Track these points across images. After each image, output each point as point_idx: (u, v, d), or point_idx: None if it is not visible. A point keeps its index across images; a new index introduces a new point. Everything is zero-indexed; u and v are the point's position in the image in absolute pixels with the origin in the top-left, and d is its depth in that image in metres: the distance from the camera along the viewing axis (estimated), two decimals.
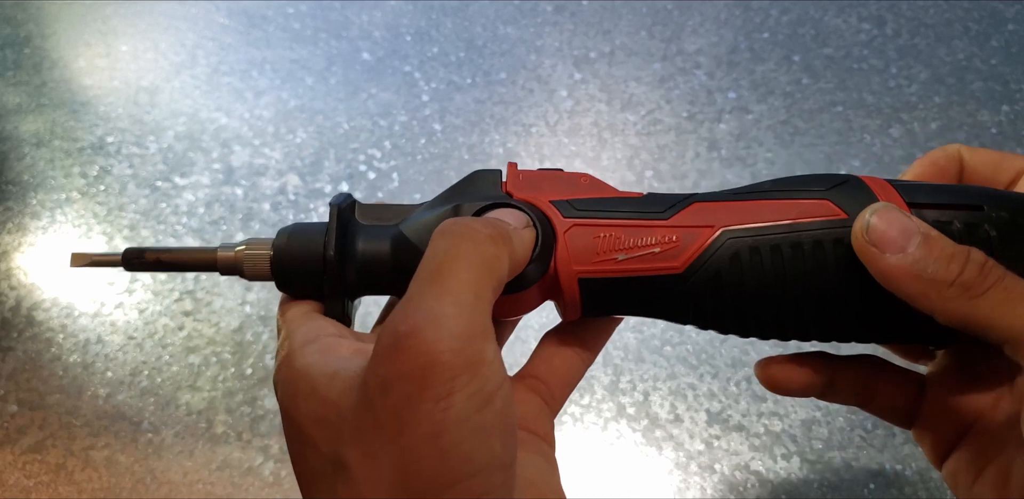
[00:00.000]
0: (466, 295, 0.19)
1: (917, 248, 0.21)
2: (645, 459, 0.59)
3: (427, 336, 0.18)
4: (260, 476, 0.58)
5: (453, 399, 0.18)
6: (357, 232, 0.25)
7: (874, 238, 0.22)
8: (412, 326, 0.19)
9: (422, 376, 0.18)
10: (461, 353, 0.18)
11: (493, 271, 0.21)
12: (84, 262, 0.26)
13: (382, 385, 0.19)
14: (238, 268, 0.26)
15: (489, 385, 0.19)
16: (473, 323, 0.19)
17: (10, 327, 0.66)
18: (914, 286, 0.21)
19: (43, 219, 0.74)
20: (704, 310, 0.25)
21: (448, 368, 0.18)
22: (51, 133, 0.80)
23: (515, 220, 0.24)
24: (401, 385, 0.18)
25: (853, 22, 0.92)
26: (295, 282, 0.25)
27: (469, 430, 0.18)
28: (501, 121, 0.82)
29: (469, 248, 0.20)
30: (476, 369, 0.19)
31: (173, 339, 0.65)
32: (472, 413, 0.18)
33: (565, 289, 0.25)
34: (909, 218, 0.22)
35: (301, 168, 0.77)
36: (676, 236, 0.24)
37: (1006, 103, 0.84)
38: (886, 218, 0.22)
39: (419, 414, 0.18)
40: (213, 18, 0.93)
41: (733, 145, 0.80)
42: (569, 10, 0.93)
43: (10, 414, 0.61)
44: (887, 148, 0.80)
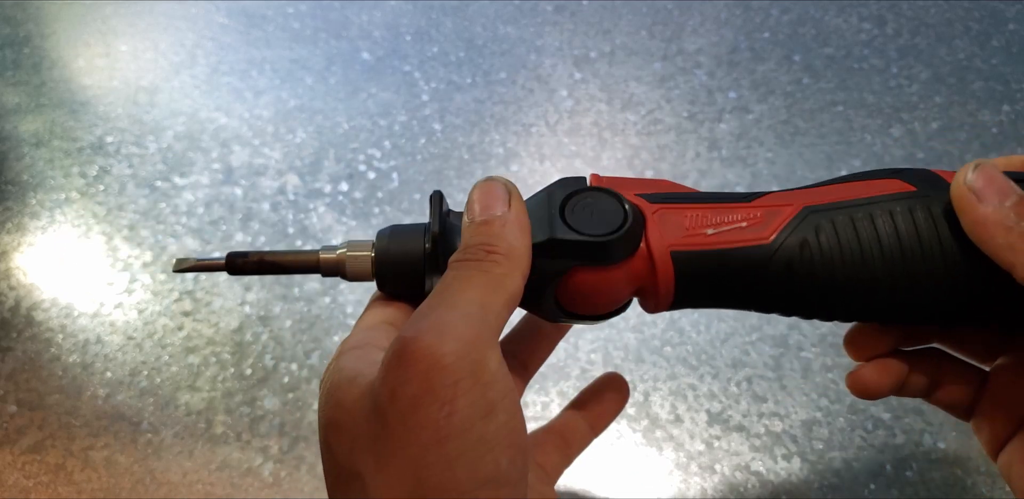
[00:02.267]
0: (472, 307, 0.20)
1: (1013, 204, 0.22)
2: (645, 459, 0.59)
3: (430, 341, 0.19)
4: (260, 477, 0.58)
5: (457, 404, 0.18)
6: (454, 234, 0.26)
7: (975, 186, 0.23)
8: (416, 332, 0.19)
9: (426, 379, 0.19)
10: (464, 357, 0.19)
11: (500, 288, 0.21)
12: (187, 267, 0.27)
13: (390, 392, 0.19)
14: (340, 269, 0.26)
15: (492, 392, 0.19)
16: (478, 331, 0.20)
17: (9, 327, 0.66)
18: (1002, 237, 0.22)
19: (42, 219, 0.73)
20: (793, 283, 0.26)
21: (451, 371, 0.19)
22: (50, 133, 0.80)
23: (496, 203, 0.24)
24: (406, 390, 0.19)
25: (854, 22, 0.92)
26: (395, 282, 0.26)
27: (473, 440, 0.19)
28: (501, 121, 0.81)
29: (475, 271, 0.22)
30: (479, 375, 0.19)
31: (172, 339, 0.65)
32: (476, 421, 0.19)
33: (659, 265, 0.25)
34: (1007, 180, 0.23)
35: (301, 168, 0.77)
36: (760, 213, 0.25)
37: (1007, 103, 0.84)
38: (987, 174, 0.23)
39: (424, 419, 0.18)
40: (213, 18, 0.92)
41: (734, 145, 0.80)
42: (569, 10, 0.93)
43: (9, 414, 0.61)
44: (888, 148, 0.80)
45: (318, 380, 0.63)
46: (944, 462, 0.59)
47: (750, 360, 0.64)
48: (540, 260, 0.25)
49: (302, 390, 0.62)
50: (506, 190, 0.25)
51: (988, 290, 0.24)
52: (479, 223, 0.24)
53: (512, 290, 0.22)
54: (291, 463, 0.59)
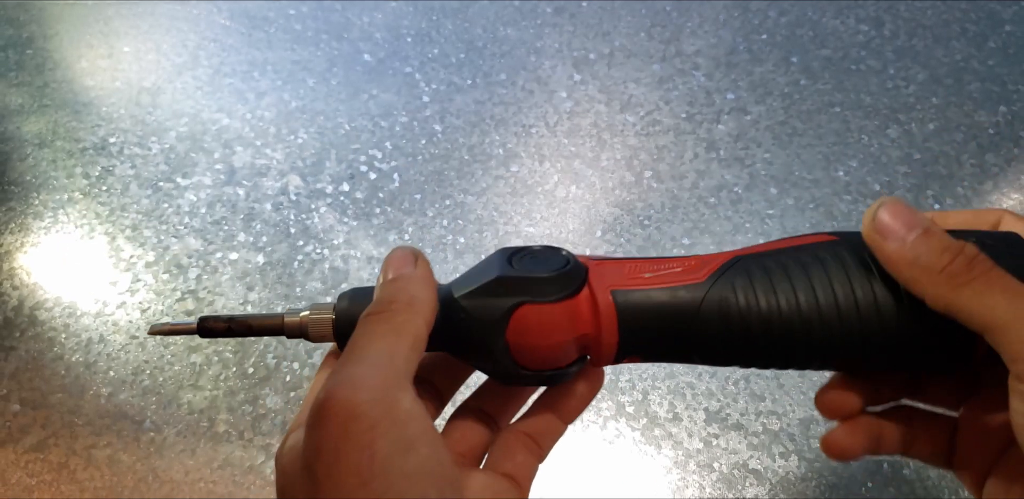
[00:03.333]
0: (379, 356, 0.22)
1: (916, 238, 0.23)
2: (644, 457, 0.59)
3: (343, 394, 0.20)
4: (262, 474, 0.58)
5: (376, 446, 0.19)
6: None
7: (879, 226, 0.24)
8: (330, 390, 0.20)
9: (344, 429, 0.20)
10: (378, 403, 0.20)
11: (403, 333, 0.23)
12: (162, 331, 0.28)
13: (315, 448, 0.20)
14: (303, 332, 0.28)
15: (410, 430, 0.20)
16: (386, 377, 0.21)
17: (13, 326, 0.66)
18: (909, 271, 0.23)
19: (45, 219, 0.74)
20: (728, 318, 0.27)
21: (367, 417, 0.20)
22: (53, 134, 0.81)
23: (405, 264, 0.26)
24: (327, 443, 0.20)
25: (851, 23, 0.92)
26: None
27: (396, 476, 0.19)
28: (501, 122, 0.82)
29: (378, 323, 0.23)
30: (394, 415, 0.20)
31: (175, 339, 0.66)
32: (396, 458, 0.20)
33: (601, 305, 0.27)
34: (913, 212, 0.24)
35: (302, 168, 0.78)
36: (695, 262, 0.27)
37: (1003, 104, 0.84)
38: (892, 210, 0.24)
39: (347, 465, 0.19)
40: (215, 19, 0.93)
41: (731, 146, 0.80)
42: (569, 11, 0.93)
43: (12, 413, 0.61)
44: (884, 149, 0.80)
45: None
46: None
47: None
48: (489, 299, 0.26)
49: (304, 389, 0.63)
50: (413, 255, 0.27)
51: (912, 324, 0.25)
52: (388, 281, 0.25)
53: (415, 333, 0.23)
54: None
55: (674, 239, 0.73)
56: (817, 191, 0.77)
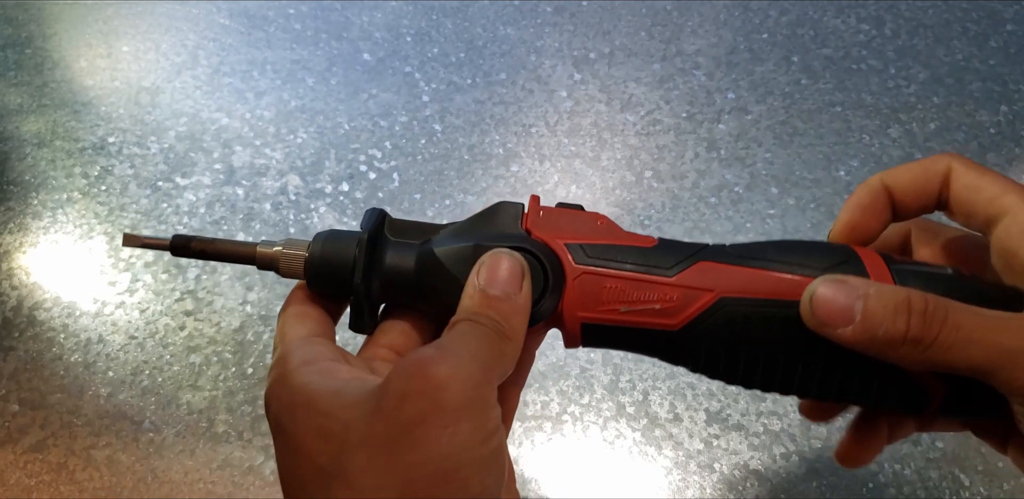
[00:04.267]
0: (484, 354, 0.22)
1: (861, 315, 0.22)
2: (644, 458, 0.59)
3: (447, 370, 0.21)
4: (261, 475, 0.58)
5: (460, 427, 0.20)
6: (386, 247, 0.28)
7: (821, 319, 0.23)
8: (436, 355, 0.21)
9: (435, 399, 0.20)
10: (473, 390, 0.21)
11: (503, 360, 0.23)
12: (136, 243, 0.28)
13: (400, 397, 0.20)
14: (274, 265, 0.28)
15: (490, 424, 0.21)
16: (485, 374, 0.22)
17: (11, 327, 0.66)
18: (874, 350, 0.22)
19: (44, 219, 0.74)
20: (695, 364, 0.27)
21: (459, 400, 0.20)
22: (52, 133, 0.81)
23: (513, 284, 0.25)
24: (417, 401, 0.20)
25: (852, 23, 0.92)
26: (324, 284, 0.28)
27: (470, 459, 0.20)
28: (501, 121, 0.82)
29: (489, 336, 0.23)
30: (482, 408, 0.21)
31: (174, 339, 0.66)
32: (475, 445, 0.20)
33: (568, 329, 0.27)
34: (845, 286, 0.23)
35: (302, 168, 0.78)
36: (677, 296, 0.26)
37: (1005, 103, 0.84)
38: (824, 296, 0.23)
39: (430, 434, 0.20)
40: (214, 19, 0.93)
41: (732, 145, 0.80)
42: (569, 11, 0.93)
43: (11, 413, 0.61)
44: (886, 148, 0.80)
45: None
46: (942, 461, 0.59)
47: None
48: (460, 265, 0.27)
49: None
50: (522, 270, 0.26)
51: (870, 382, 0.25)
52: (488, 296, 0.25)
53: (508, 368, 0.24)
54: None
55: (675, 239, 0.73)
56: (818, 191, 0.77)
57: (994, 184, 0.24)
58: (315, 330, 0.27)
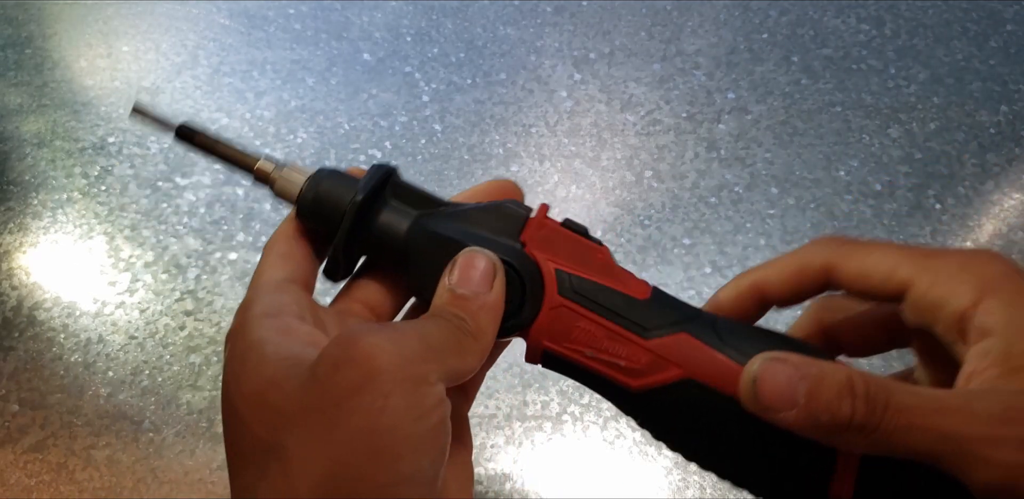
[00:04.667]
0: (435, 343, 0.22)
1: (804, 399, 0.21)
2: (644, 458, 0.59)
3: (383, 341, 0.20)
4: None
5: (391, 400, 0.20)
6: (384, 206, 0.27)
7: (764, 404, 0.22)
8: (378, 329, 0.21)
9: (369, 369, 0.20)
10: (407, 367, 0.20)
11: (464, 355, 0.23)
12: (143, 116, 0.27)
13: (333, 365, 0.20)
14: (270, 183, 0.27)
15: (427, 401, 0.20)
16: (426, 356, 0.21)
17: (11, 327, 0.66)
18: (818, 435, 0.21)
19: (44, 219, 0.74)
20: (645, 426, 0.26)
21: (392, 374, 0.20)
22: (52, 133, 0.81)
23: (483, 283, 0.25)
24: (349, 371, 0.20)
25: (852, 23, 0.92)
26: (311, 219, 0.27)
27: (403, 436, 0.20)
28: (501, 121, 0.82)
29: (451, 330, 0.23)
30: (417, 386, 0.20)
31: (174, 339, 0.66)
32: (407, 421, 0.20)
33: (530, 348, 0.27)
34: (787, 365, 0.22)
35: None
36: (646, 360, 0.25)
37: (1005, 103, 0.84)
38: (766, 378, 0.22)
39: (361, 406, 0.19)
40: (214, 19, 0.93)
41: (732, 145, 0.80)
42: (569, 11, 0.93)
43: (11, 413, 0.61)
44: (885, 148, 0.80)
45: None
46: None
47: None
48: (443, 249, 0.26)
49: None
50: (492, 268, 0.25)
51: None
52: (458, 295, 0.24)
53: (468, 368, 0.23)
54: None
55: (675, 239, 0.73)
56: (818, 191, 0.77)
57: (881, 263, 0.23)
58: (293, 274, 0.26)
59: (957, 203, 0.77)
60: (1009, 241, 0.75)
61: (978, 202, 0.77)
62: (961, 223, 0.75)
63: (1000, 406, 0.20)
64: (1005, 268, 0.21)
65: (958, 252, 0.22)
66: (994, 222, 0.76)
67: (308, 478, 0.19)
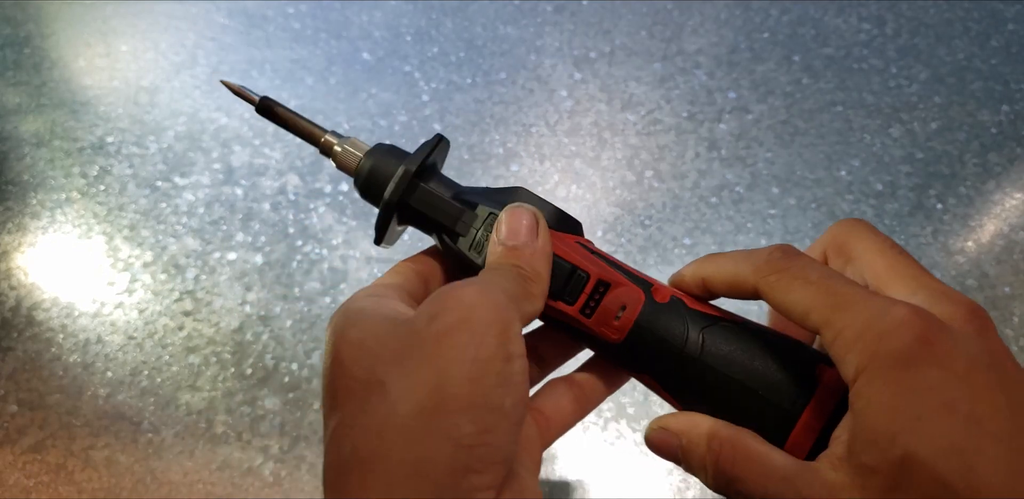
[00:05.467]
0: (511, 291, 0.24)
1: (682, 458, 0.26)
2: (645, 459, 0.59)
3: (473, 292, 0.22)
4: (260, 476, 0.58)
5: (487, 339, 0.22)
6: (431, 177, 0.30)
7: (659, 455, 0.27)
8: (466, 284, 0.23)
9: (465, 315, 0.22)
10: (497, 312, 0.22)
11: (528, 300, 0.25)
12: (231, 86, 0.32)
13: (431, 316, 0.22)
14: (332, 155, 0.31)
15: (513, 347, 0.22)
16: (508, 304, 0.23)
17: (10, 327, 0.66)
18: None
19: (43, 219, 0.74)
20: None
21: (485, 317, 0.22)
22: (51, 133, 0.80)
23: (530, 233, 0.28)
24: (446, 317, 0.22)
25: (853, 22, 0.92)
26: (366, 189, 0.30)
27: (494, 371, 0.21)
28: (501, 121, 0.82)
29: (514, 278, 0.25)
30: (505, 329, 0.22)
31: (173, 339, 0.65)
32: (499, 360, 0.21)
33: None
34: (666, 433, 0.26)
35: (301, 168, 0.77)
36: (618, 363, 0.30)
37: (1006, 103, 0.84)
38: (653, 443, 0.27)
39: (458, 342, 0.21)
40: (213, 18, 0.93)
41: (733, 145, 0.80)
42: (569, 10, 0.93)
43: (10, 414, 0.61)
44: (887, 148, 0.80)
45: (319, 380, 0.63)
46: None
47: None
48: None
49: (303, 389, 0.62)
50: (535, 219, 0.28)
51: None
52: (510, 247, 0.27)
53: (537, 308, 0.26)
54: (292, 462, 0.59)
55: (675, 239, 0.73)
56: (819, 191, 0.77)
57: (798, 305, 0.24)
58: (403, 283, 0.29)
59: (959, 203, 0.76)
60: (1011, 241, 0.74)
61: (980, 202, 0.77)
62: (963, 223, 0.75)
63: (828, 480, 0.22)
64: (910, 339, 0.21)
65: (870, 307, 0.23)
66: (996, 222, 0.76)
67: (407, 403, 0.21)
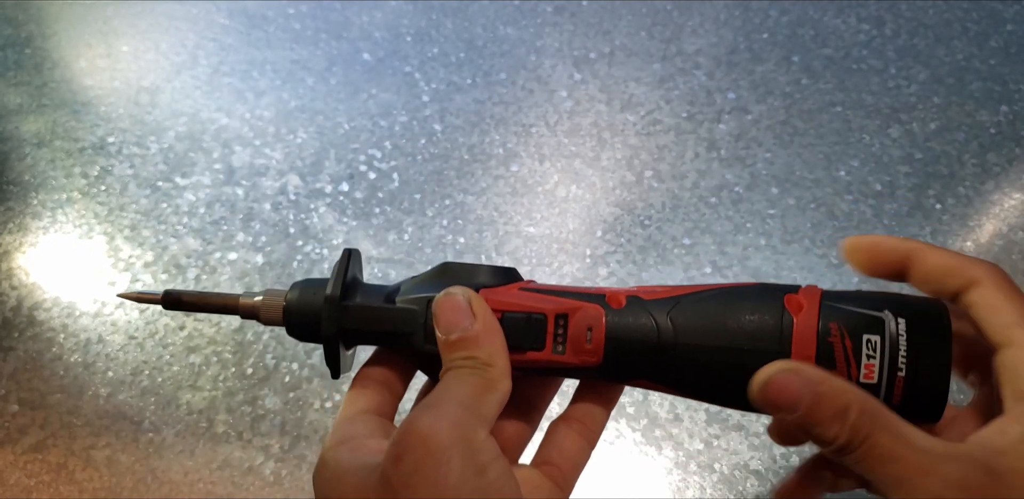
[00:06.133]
0: (467, 399, 0.25)
1: (804, 411, 0.23)
2: (645, 458, 0.59)
3: (428, 421, 0.23)
4: (261, 475, 0.58)
5: (452, 464, 0.22)
6: (357, 288, 0.30)
7: (768, 401, 0.24)
8: (416, 416, 0.23)
9: (425, 448, 0.22)
10: (456, 430, 0.23)
11: (493, 389, 0.25)
12: (129, 297, 0.31)
13: (396, 458, 0.23)
14: (256, 315, 0.30)
15: (483, 456, 0.23)
16: (468, 415, 0.24)
17: (11, 327, 0.66)
18: (802, 436, 0.24)
19: (44, 219, 0.74)
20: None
21: (445, 441, 0.22)
22: (52, 133, 0.81)
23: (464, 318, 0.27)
24: (410, 456, 0.22)
25: (852, 22, 0.92)
26: (301, 333, 0.30)
27: (468, 491, 0.22)
28: (501, 121, 0.82)
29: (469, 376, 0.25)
30: (469, 443, 0.23)
31: (174, 339, 0.65)
32: (470, 477, 0.22)
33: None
34: (799, 378, 0.24)
35: (302, 168, 0.77)
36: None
37: (1005, 103, 0.84)
38: (778, 385, 0.24)
39: (426, 478, 0.22)
40: (214, 19, 0.93)
41: (732, 145, 0.80)
42: (569, 11, 0.93)
43: (11, 414, 0.61)
44: (886, 148, 0.80)
45: (319, 379, 0.63)
46: None
47: None
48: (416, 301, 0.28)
49: (303, 389, 0.62)
50: (466, 301, 0.27)
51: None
52: (454, 341, 0.26)
53: (504, 391, 0.26)
54: (292, 462, 0.59)
55: (675, 239, 0.73)
56: (818, 191, 0.77)
57: (1012, 314, 0.24)
58: (368, 405, 0.29)
59: (957, 203, 0.77)
60: (1009, 241, 0.74)
61: (978, 202, 0.77)
62: (961, 223, 0.75)
63: (958, 475, 0.22)
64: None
65: None
66: (994, 222, 0.76)
67: None
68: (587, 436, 0.32)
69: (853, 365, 0.25)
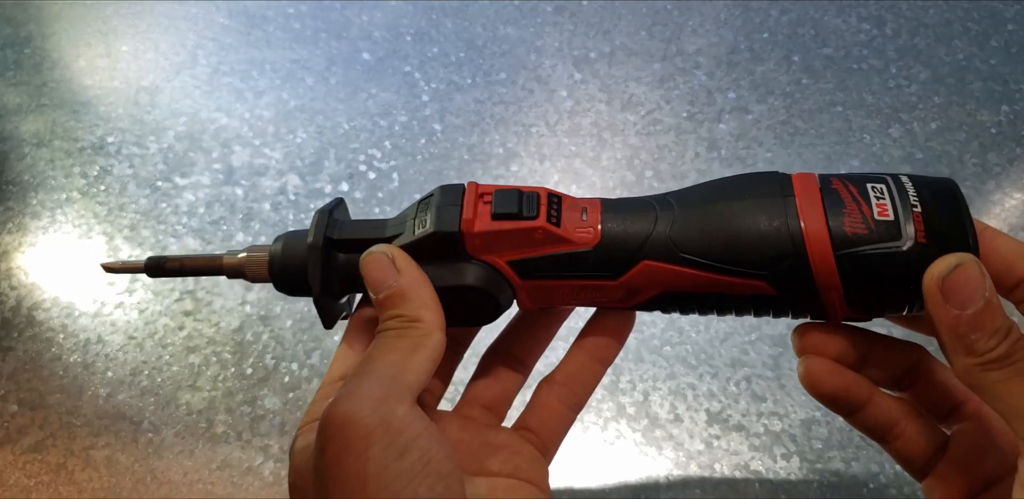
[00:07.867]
0: (388, 369, 0.24)
1: (975, 311, 0.22)
2: (645, 459, 0.59)
3: (344, 406, 0.22)
4: (260, 476, 0.58)
5: (371, 452, 0.22)
6: (345, 235, 0.29)
7: (946, 288, 0.23)
8: (336, 400, 0.23)
9: (343, 437, 0.22)
10: (374, 413, 0.22)
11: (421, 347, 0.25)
12: (113, 267, 0.30)
13: (320, 451, 0.23)
14: (241, 272, 0.29)
15: (404, 437, 0.22)
16: (387, 390, 0.23)
17: (10, 327, 0.66)
18: (949, 340, 0.23)
19: (43, 219, 0.74)
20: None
21: (362, 426, 0.22)
22: (51, 133, 0.81)
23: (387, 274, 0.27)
24: (331, 447, 0.22)
25: (853, 22, 0.92)
26: (289, 287, 0.29)
27: (391, 477, 0.22)
28: (501, 121, 0.82)
29: (395, 338, 0.25)
30: (388, 424, 0.22)
31: (173, 339, 0.65)
32: (391, 462, 0.22)
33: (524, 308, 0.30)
34: (983, 277, 0.23)
35: (301, 168, 0.77)
36: (622, 293, 0.28)
37: (1006, 103, 0.84)
38: (965, 275, 0.23)
39: (346, 470, 0.22)
40: (213, 18, 0.93)
41: (733, 145, 0.80)
42: (569, 10, 0.93)
43: (10, 414, 0.61)
44: (887, 148, 0.80)
45: (319, 379, 0.63)
46: None
47: (749, 360, 0.64)
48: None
49: (303, 389, 0.62)
50: (387, 258, 0.26)
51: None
52: (382, 299, 0.26)
53: (434, 346, 0.25)
54: None
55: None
56: None
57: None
58: (350, 369, 0.29)
59: None
60: None
61: (979, 202, 0.77)
62: None
63: None
64: None
65: None
66: (995, 222, 0.76)
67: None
68: (569, 403, 0.31)
69: (863, 204, 0.25)
